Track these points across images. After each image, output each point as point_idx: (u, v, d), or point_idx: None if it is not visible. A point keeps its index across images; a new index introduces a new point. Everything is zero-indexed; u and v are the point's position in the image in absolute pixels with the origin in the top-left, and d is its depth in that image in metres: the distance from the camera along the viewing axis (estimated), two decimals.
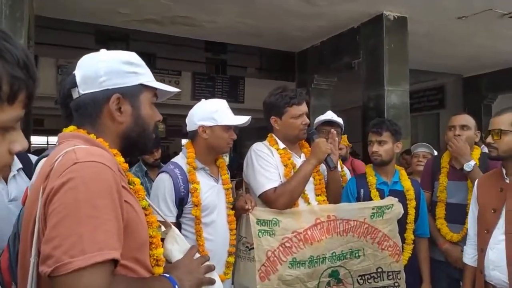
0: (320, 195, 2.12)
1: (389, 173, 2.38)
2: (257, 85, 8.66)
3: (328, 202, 2.12)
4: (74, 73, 1.02)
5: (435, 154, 3.29)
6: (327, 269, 2.01)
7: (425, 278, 2.35)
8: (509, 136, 1.82)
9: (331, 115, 2.65)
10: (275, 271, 1.91)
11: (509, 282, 1.73)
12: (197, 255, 1.16)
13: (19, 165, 1.92)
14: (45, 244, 0.77)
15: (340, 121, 2.64)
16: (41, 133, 11.31)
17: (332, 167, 2.05)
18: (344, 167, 2.67)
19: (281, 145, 2.12)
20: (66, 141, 0.96)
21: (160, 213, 1.22)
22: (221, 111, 1.91)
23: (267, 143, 2.16)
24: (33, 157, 2.04)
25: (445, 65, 7.53)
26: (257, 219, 1.94)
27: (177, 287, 0.98)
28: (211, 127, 1.89)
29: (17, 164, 1.92)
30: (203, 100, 2.00)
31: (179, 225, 1.81)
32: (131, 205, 0.92)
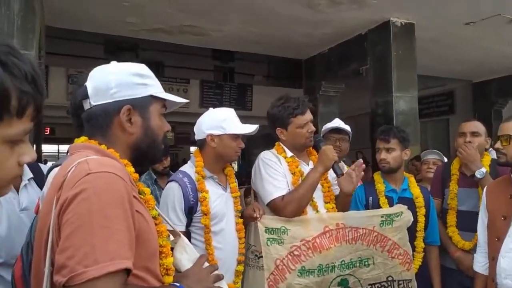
0: (329, 202, 2.11)
1: (398, 180, 2.37)
2: (265, 92, 8.69)
3: (336, 209, 2.11)
4: (85, 85, 1.04)
5: (445, 160, 3.27)
6: (336, 278, 1.99)
7: (436, 286, 2.32)
8: None
9: (339, 123, 2.65)
10: (283, 280, 1.91)
11: None
12: (206, 264, 1.17)
13: (30, 175, 1.95)
14: (59, 254, 0.79)
15: (347, 128, 2.64)
16: (52, 141, 11.46)
17: (339, 174, 2.05)
18: None
19: (289, 153, 2.12)
20: (77, 152, 0.98)
21: (169, 222, 1.23)
22: (230, 120, 1.92)
23: (274, 151, 2.16)
24: (44, 167, 2.08)
25: (454, 71, 7.49)
26: (266, 227, 1.94)
27: None
28: (220, 135, 1.90)
29: (28, 173, 1.95)
30: (211, 109, 2.02)
31: (188, 234, 1.82)
32: (142, 214, 0.93)
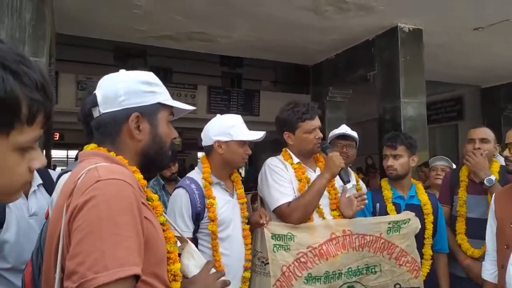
0: (335, 209, 2.10)
1: (405, 187, 2.35)
2: (272, 98, 8.72)
3: (342, 216, 2.11)
4: (94, 93, 1.06)
5: (454, 167, 3.24)
6: (343, 285, 1.98)
7: None
8: None
9: (345, 129, 2.65)
10: (290, 286, 1.90)
11: None
12: (213, 270, 1.17)
13: (39, 181, 1.97)
14: (69, 260, 0.80)
15: (354, 134, 2.63)
16: (61, 147, 11.59)
17: (346, 181, 2.04)
18: (360, 181, 2.65)
19: (295, 159, 2.13)
20: (87, 159, 1.00)
21: (177, 228, 1.25)
22: (237, 127, 1.93)
23: (281, 157, 2.16)
24: (53, 173, 2.10)
25: (463, 76, 7.44)
26: (272, 233, 1.94)
27: None
28: (227, 142, 1.91)
29: (37, 179, 1.97)
30: (219, 115, 2.03)
31: (195, 240, 1.82)
32: (150, 221, 0.94)
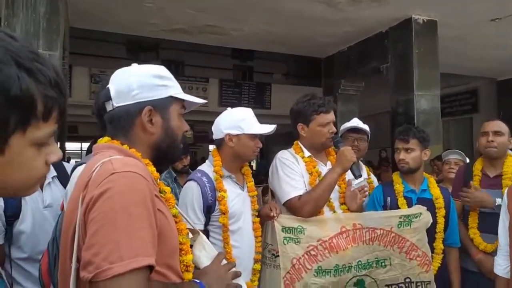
0: (344, 203, 2.10)
1: (417, 181, 2.34)
2: (283, 91, 8.69)
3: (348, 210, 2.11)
4: (108, 87, 1.08)
5: (467, 161, 3.20)
6: (353, 278, 1.99)
7: None
8: None
9: (357, 122, 2.63)
10: (300, 279, 1.92)
11: None
12: (224, 262, 1.19)
13: (54, 173, 2.01)
14: (85, 251, 0.82)
15: (366, 128, 2.61)
16: (75, 139, 11.76)
17: (357, 176, 2.04)
18: (371, 174, 2.65)
19: (307, 153, 2.13)
20: (101, 152, 1.02)
21: (189, 220, 1.27)
22: (248, 120, 1.93)
23: (292, 151, 2.17)
24: (67, 165, 2.14)
25: (478, 68, 7.30)
26: (282, 226, 1.95)
27: None
28: (238, 135, 1.92)
29: (51, 172, 2.00)
30: (229, 108, 2.03)
31: (207, 233, 1.84)
32: (163, 213, 0.96)
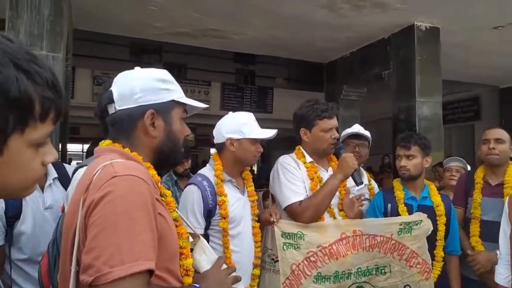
0: (342, 210, 2.09)
1: (418, 188, 2.33)
2: (285, 95, 8.71)
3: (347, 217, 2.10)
4: (110, 90, 1.08)
5: (469, 168, 3.20)
6: (352, 285, 1.98)
7: None
8: None
9: (358, 128, 2.63)
10: (299, 285, 1.91)
11: None
12: (224, 266, 1.19)
13: (55, 175, 2.02)
14: (85, 254, 0.82)
15: (367, 134, 2.61)
16: (76, 141, 11.77)
17: (358, 183, 2.04)
18: (372, 181, 2.64)
19: (308, 158, 2.13)
20: (102, 155, 1.02)
21: (189, 224, 1.26)
22: (249, 124, 1.93)
23: (294, 155, 2.17)
24: (69, 167, 2.15)
25: (480, 76, 7.30)
26: (282, 232, 1.95)
27: None
28: (239, 140, 1.91)
29: (52, 173, 2.02)
30: (231, 113, 2.03)
31: (207, 237, 1.83)
32: (164, 217, 0.96)
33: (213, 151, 2.09)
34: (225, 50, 6.31)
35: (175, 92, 1.12)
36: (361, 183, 2.06)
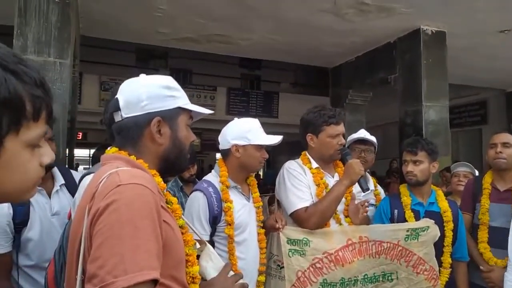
0: (348, 216, 2.08)
1: (425, 193, 2.31)
2: (291, 100, 8.71)
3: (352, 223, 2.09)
4: (116, 97, 1.08)
5: (476, 174, 3.17)
6: None
7: None
8: None
9: (364, 133, 2.62)
10: None
11: None
12: (231, 273, 1.19)
13: (62, 181, 2.03)
14: (90, 263, 0.82)
15: (373, 139, 2.60)
16: (84, 146, 11.86)
17: (365, 189, 2.03)
18: (378, 186, 2.63)
19: (314, 164, 2.12)
20: (109, 163, 1.02)
21: (195, 231, 1.26)
22: (254, 131, 1.93)
23: (300, 161, 2.16)
24: (75, 174, 2.16)
25: (487, 80, 7.25)
26: (288, 238, 1.94)
27: None
28: (244, 146, 1.91)
29: (59, 180, 2.03)
30: (236, 119, 2.04)
31: (212, 244, 1.83)
32: (169, 224, 0.96)
33: (219, 155, 2.09)
34: (230, 55, 6.33)
35: (181, 99, 1.12)
36: (367, 189, 2.05)
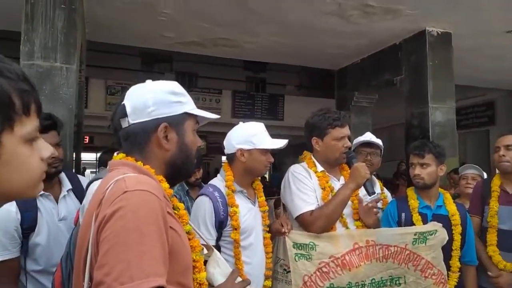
0: (358, 219, 2.07)
1: (433, 196, 2.29)
2: (296, 102, 8.71)
3: (364, 225, 2.07)
4: (123, 104, 1.09)
5: (485, 176, 3.14)
6: None
7: None
8: None
9: (370, 136, 2.61)
10: None
11: None
12: (239, 279, 1.18)
13: (69, 186, 2.04)
14: (97, 270, 0.82)
15: (379, 142, 2.59)
16: (91, 150, 11.94)
17: (371, 193, 2.01)
18: (384, 189, 2.61)
19: (319, 167, 2.11)
20: (116, 169, 1.03)
21: (202, 236, 1.26)
22: (259, 135, 1.93)
23: (305, 165, 2.15)
24: (83, 179, 2.17)
25: (494, 80, 7.19)
26: (294, 242, 1.93)
27: None
28: (249, 150, 1.91)
29: (67, 185, 2.04)
30: (241, 123, 2.04)
31: (218, 248, 1.82)
32: (176, 230, 0.96)
33: (224, 159, 2.09)
34: (235, 58, 6.34)
35: (187, 104, 1.13)
36: (373, 192, 2.04)
